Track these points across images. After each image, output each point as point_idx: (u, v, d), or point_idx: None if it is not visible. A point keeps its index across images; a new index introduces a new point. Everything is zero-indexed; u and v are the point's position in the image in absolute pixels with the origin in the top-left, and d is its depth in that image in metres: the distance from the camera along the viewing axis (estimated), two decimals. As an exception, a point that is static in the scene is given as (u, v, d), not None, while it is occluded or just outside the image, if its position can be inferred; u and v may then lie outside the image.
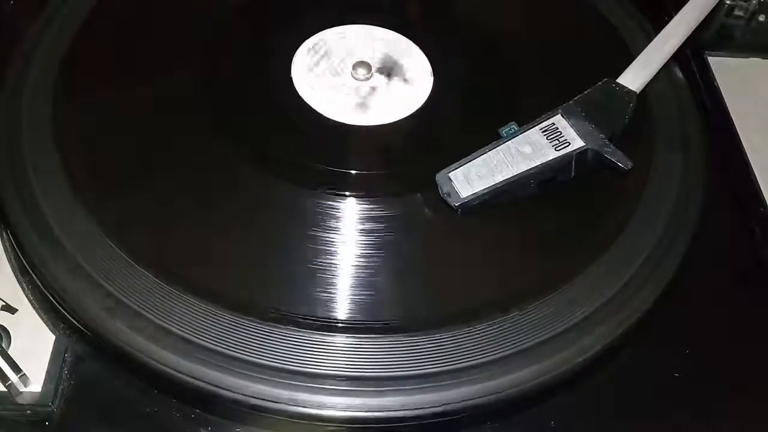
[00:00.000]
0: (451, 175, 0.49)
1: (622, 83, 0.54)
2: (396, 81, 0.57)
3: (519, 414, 0.44)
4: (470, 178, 0.49)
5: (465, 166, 0.49)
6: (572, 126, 0.51)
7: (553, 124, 0.51)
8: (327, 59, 0.58)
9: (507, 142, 0.50)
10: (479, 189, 0.48)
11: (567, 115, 0.51)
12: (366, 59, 0.57)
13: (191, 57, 0.56)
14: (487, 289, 0.46)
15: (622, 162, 0.49)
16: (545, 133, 0.51)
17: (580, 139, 0.50)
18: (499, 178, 0.49)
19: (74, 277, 0.44)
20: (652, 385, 0.46)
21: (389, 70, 0.57)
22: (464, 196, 0.48)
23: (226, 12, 0.60)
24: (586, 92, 0.53)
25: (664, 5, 0.62)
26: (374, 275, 0.46)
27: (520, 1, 0.66)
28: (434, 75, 0.57)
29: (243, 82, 0.56)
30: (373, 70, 0.57)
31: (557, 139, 0.50)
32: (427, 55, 0.58)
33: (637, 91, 0.53)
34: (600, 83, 0.53)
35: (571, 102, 0.52)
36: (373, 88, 0.56)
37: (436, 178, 0.49)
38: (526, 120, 0.51)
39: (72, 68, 0.54)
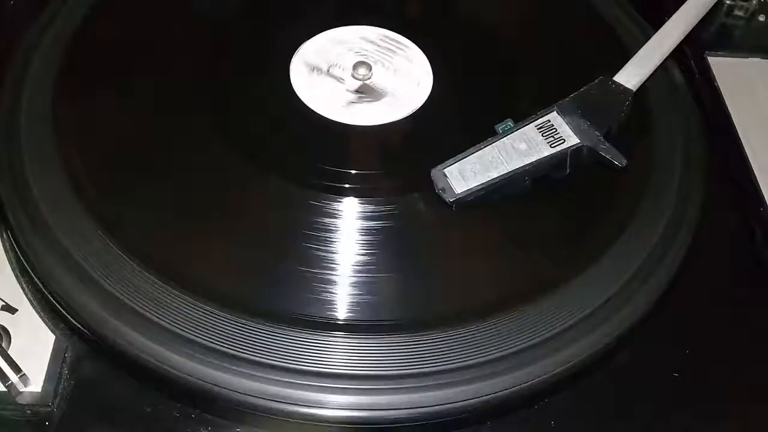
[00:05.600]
0: (446, 171, 0.49)
1: (618, 81, 0.54)
2: (395, 81, 0.57)
3: (519, 414, 0.44)
4: (465, 174, 0.49)
5: (460, 162, 0.50)
6: (568, 123, 0.51)
7: (549, 121, 0.51)
8: (327, 59, 0.58)
9: (502, 139, 0.50)
10: (474, 185, 0.49)
11: (563, 112, 0.51)
12: (366, 59, 0.57)
13: (191, 57, 0.56)
14: (487, 289, 0.46)
15: (617, 159, 0.49)
16: (541, 129, 0.51)
17: (575, 136, 0.50)
18: (494, 174, 0.49)
19: (74, 277, 0.44)
20: (652, 385, 0.46)
21: (388, 71, 0.57)
22: (459, 191, 0.48)
23: (226, 12, 0.60)
24: (582, 90, 0.53)
25: (664, 5, 0.62)
26: (374, 275, 0.46)
27: (519, 0, 0.66)
28: (434, 75, 0.57)
29: (242, 82, 0.56)
30: (373, 70, 0.57)
31: (552, 136, 0.50)
32: (427, 55, 0.58)
33: (634, 89, 0.53)
34: (596, 81, 0.53)
35: (567, 99, 0.52)
36: (373, 88, 0.56)
37: (432, 174, 0.49)
38: (523, 118, 0.51)
39: (72, 68, 0.54)
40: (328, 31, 0.59)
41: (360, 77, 0.56)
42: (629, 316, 0.45)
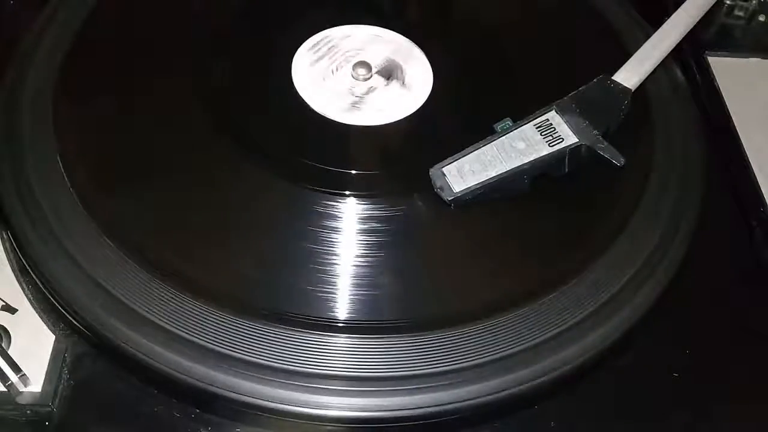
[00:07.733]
0: (444, 170, 0.49)
1: (617, 80, 0.54)
2: (396, 81, 0.57)
3: (519, 414, 0.44)
4: (463, 173, 0.49)
5: (459, 161, 0.50)
6: (566, 122, 0.51)
7: (547, 120, 0.51)
8: (327, 59, 0.58)
9: (501, 138, 0.50)
10: (472, 184, 0.49)
11: (561, 112, 0.51)
12: (366, 59, 0.57)
13: (191, 57, 0.56)
14: (487, 289, 0.46)
15: (615, 158, 0.49)
16: (539, 128, 0.51)
17: (573, 136, 0.50)
18: (492, 173, 0.49)
19: (74, 277, 0.44)
20: (652, 385, 0.46)
21: (389, 70, 0.57)
22: (457, 190, 0.48)
23: (226, 11, 0.60)
24: (581, 89, 0.53)
25: (664, 4, 0.62)
26: (374, 275, 0.46)
27: (518, 0, 0.66)
28: (434, 75, 0.57)
29: (243, 81, 0.56)
30: (374, 70, 0.57)
31: (551, 135, 0.50)
32: (427, 55, 0.58)
33: (632, 89, 0.53)
34: (595, 80, 0.53)
35: (565, 98, 0.52)
36: (373, 88, 0.56)
37: (430, 173, 0.49)
38: (523, 117, 0.51)
39: (72, 68, 0.54)
40: (328, 30, 0.59)
41: (360, 77, 0.56)
42: (629, 316, 0.45)
